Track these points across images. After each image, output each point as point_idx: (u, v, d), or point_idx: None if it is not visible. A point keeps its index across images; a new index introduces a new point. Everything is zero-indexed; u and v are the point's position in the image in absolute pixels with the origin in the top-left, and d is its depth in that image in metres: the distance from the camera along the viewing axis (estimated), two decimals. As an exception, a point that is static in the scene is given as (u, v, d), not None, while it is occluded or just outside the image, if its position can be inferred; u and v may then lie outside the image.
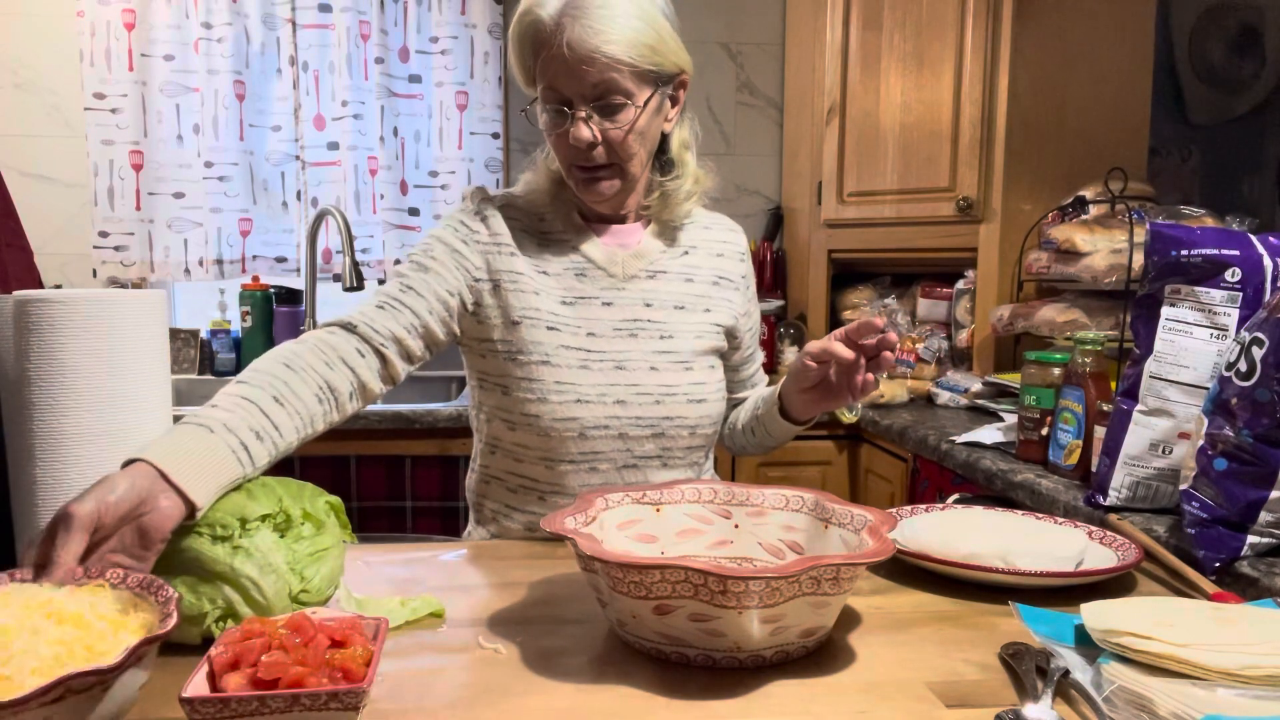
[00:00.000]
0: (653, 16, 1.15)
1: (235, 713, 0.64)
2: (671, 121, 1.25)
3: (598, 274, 1.25)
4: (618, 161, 1.19)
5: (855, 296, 2.72)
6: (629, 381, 1.22)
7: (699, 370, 1.27)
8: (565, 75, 1.13)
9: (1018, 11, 2.16)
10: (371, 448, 2.21)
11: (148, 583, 0.76)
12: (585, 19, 1.11)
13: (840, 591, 0.80)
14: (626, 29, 1.12)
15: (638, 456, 1.24)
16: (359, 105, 2.74)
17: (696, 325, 1.28)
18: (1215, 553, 1.05)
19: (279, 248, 2.80)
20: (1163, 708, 0.69)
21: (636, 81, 1.14)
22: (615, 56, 1.11)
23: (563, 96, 1.15)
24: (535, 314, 1.22)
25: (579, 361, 1.21)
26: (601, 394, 1.21)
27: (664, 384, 1.23)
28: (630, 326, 1.24)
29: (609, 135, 1.16)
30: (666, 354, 1.25)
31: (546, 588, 1.02)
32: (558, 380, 1.20)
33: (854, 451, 2.38)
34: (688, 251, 1.31)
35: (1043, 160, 2.23)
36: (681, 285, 1.29)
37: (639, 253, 1.28)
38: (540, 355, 1.21)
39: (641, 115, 1.16)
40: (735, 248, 1.37)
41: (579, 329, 1.23)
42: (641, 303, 1.26)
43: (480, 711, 0.74)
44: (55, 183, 2.72)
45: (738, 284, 1.35)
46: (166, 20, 2.64)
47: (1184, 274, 1.18)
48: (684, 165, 1.29)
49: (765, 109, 3.01)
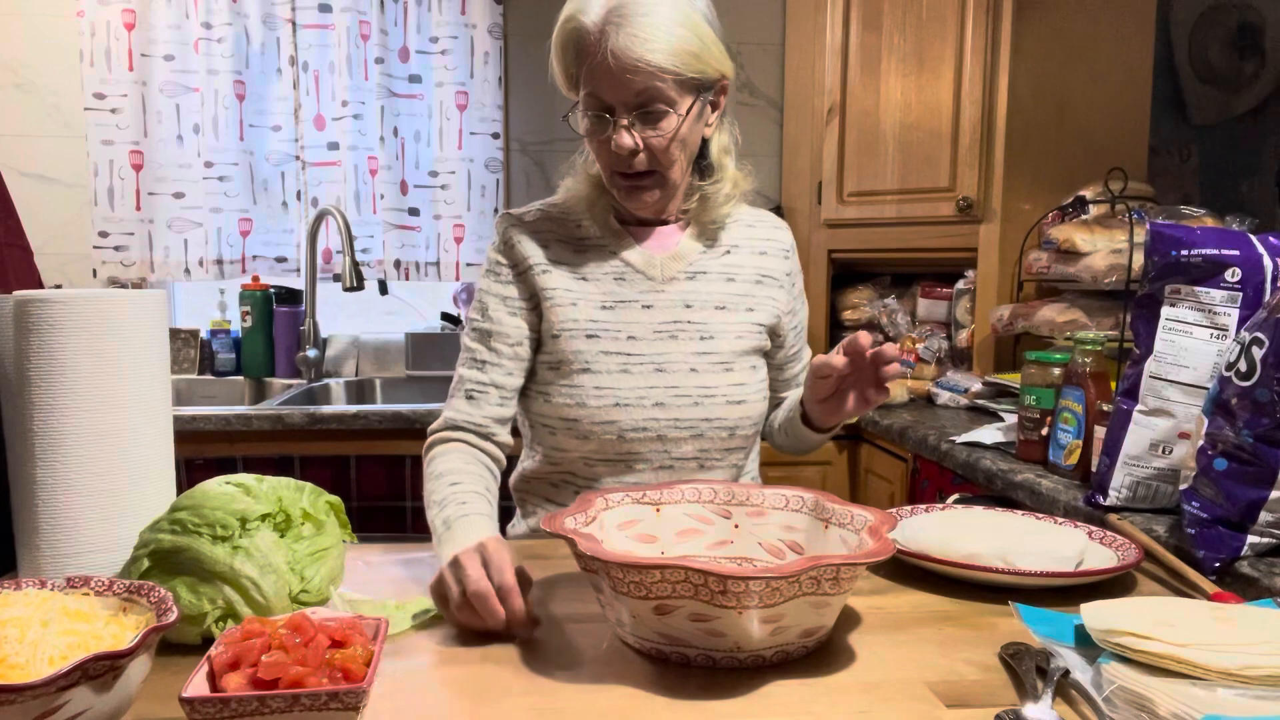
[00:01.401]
0: (696, 23, 1.15)
1: (235, 713, 0.64)
2: (712, 126, 1.25)
3: (636, 277, 1.26)
4: (659, 169, 1.19)
5: (855, 296, 2.72)
6: (668, 384, 1.23)
7: (740, 371, 1.27)
8: (609, 83, 1.13)
9: (1018, 11, 2.16)
10: (371, 448, 2.21)
11: (135, 587, 0.76)
12: (629, 26, 1.10)
13: (840, 591, 0.80)
14: (671, 37, 1.11)
15: (675, 458, 1.24)
16: (359, 105, 2.74)
17: (738, 325, 1.28)
18: (1215, 553, 1.05)
19: (279, 248, 2.80)
20: (1163, 708, 0.69)
21: (679, 89, 1.14)
22: (659, 65, 1.11)
23: (605, 104, 1.15)
24: (574, 325, 1.23)
25: (619, 366, 1.23)
26: (641, 397, 1.22)
27: (703, 385, 1.24)
28: (670, 328, 1.25)
29: (651, 143, 1.16)
30: (707, 355, 1.25)
31: (546, 588, 1.02)
32: (597, 385, 1.22)
33: (854, 451, 2.38)
34: (729, 251, 1.31)
35: (1043, 160, 2.23)
36: (723, 285, 1.29)
37: (677, 254, 1.28)
38: (581, 364, 1.23)
39: (684, 123, 1.16)
40: (780, 245, 1.35)
41: (619, 333, 1.24)
42: (682, 304, 1.26)
43: (480, 711, 0.74)
44: (55, 183, 2.72)
45: (781, 281, 1.33)
46: (166, 20, 2.64)
47: (1184, 274, 1.18)
48: (723, 169, 1.29)
49: (765, 109, 3.01)
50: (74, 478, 0.93)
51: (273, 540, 0.87)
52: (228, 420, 2.11)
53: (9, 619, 0.69)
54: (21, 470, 0.95)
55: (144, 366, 0.96)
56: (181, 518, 0.86)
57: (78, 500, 0.93)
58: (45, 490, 0.92)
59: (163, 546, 0.85)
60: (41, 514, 0.93)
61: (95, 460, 0.93)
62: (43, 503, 0.93)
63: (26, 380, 0.93)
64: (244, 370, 2.76)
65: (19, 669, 0.65)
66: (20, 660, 0.65)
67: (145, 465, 0.96)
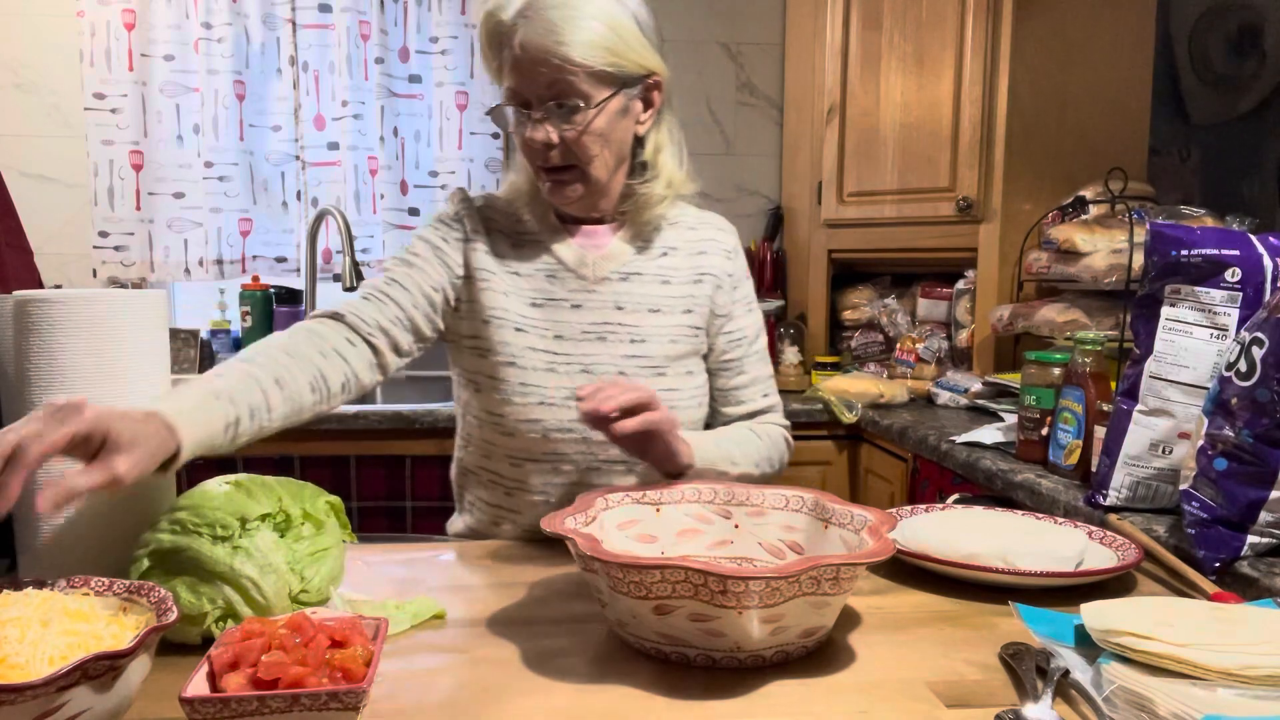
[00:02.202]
0: (614, 17, 1.14)
1: (235, 713, 0.64)
2: (644, 124, 1.23)
3: (567, 276, 1.25)
4: (577, 163, 1.18)
5: (855, 296, 2.72)
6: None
7: (673, 376, 1.25)
8: (521, 76, 1.14)
9: (1018, 11, 2.16)
10: (371, 448, 2.21)
11: (135, 587, 0.76)
12: (540, 20, 1.11)
13: (840, 591, 0.80)
14: (582, 30, 1.11)
15: (602, 460, 1.23)
16: (359, 105, 2.74)
17: (673, 328, 1.26)
18: (1215, 553, 1.05)
19: (279, 248, 2.80)
20: (1163, 708, 0.69)
21: (593, 83, 1.14)
22: (567, 57, 1.11)
23: (522, 97, 1.16)
24: (503, 314, 1.23)
25: (545, 364, 1.22)
26: (566, 397, 1.21)
27: None
28: (599, 330, 1.24)
29: (565, 136, 1.15)
30: (637, 358, 1.24)
31: (546, 588, 1.02)
32: (522, 382, 1.21)
33: (854, 451, 2.38)
34: (666, 253, 1.29)
35: (1043, 160, 2.23)
36: (657, 287, 1.27)
37: (609, 254, 1.26)
38: (507, 356, 1.22)
39: (599, 117, 1.15)
40: (721, 245, 1.33)
41: (547, 331, 1.23)
42: (612, 305, 1.25)
43: (480, 711, 0.74)
44: (55, 183, 2.72)
45: (720, 280, 1.31)
46: (166, 20, 2.64)
47: (1184, 274, 1.18)
48: (657, 168, 1.27)
49: (765, 109, 3.01)
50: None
51: (273, 540, 0.87)
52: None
53: (9, 619, 0.69)
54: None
55: (144, 366, 0.96)
56: (181, 518, 0.86)
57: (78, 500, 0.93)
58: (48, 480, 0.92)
59: (163, 546, 0.85)
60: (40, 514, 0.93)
61: (95, 460, 0.93)
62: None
63: (26, 380, 0.93)
64: (244, 370, 2.75)
65: (19, 669, 0.65)
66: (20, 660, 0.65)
67: (145, 465, 0.96)
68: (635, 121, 1.22)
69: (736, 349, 1.33)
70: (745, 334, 1.34)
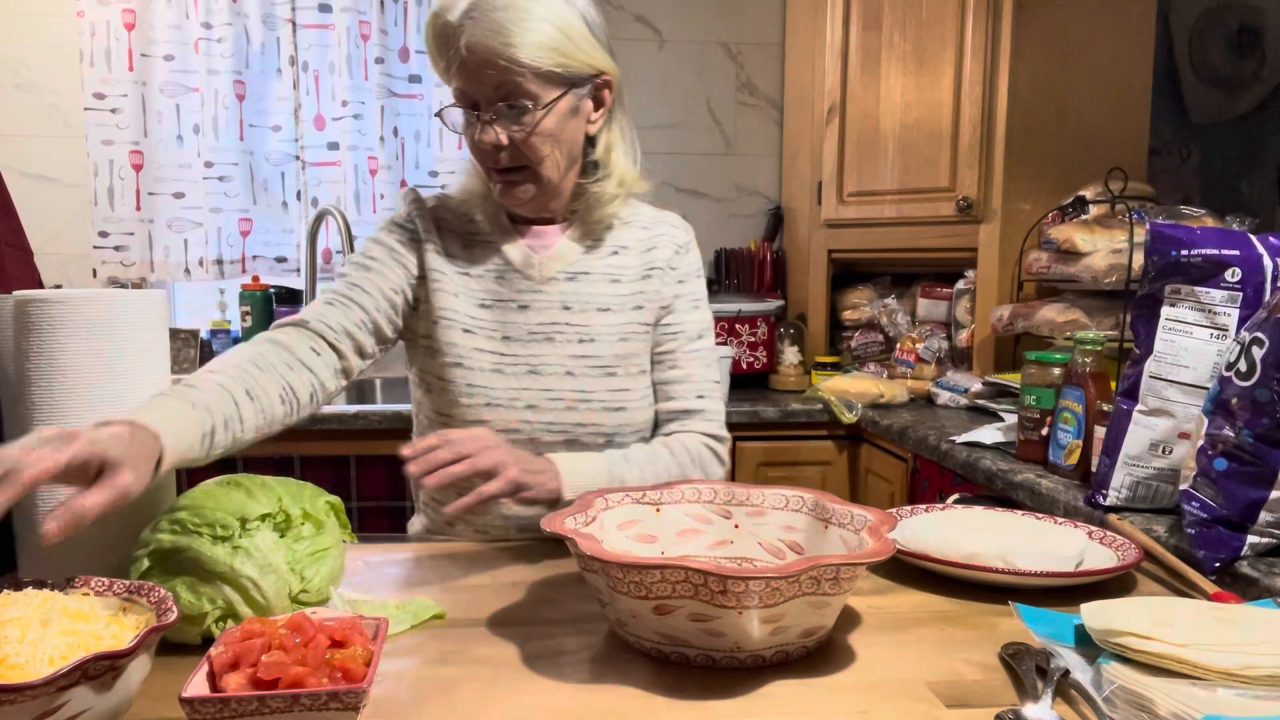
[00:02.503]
0: (561, 18, 1.14)
1: (235, 713, 0.64)
2: (595, 124, 1.23)
3: (515, 276, 1.25)
4: (527, 164, 1.18)
5: (855, 296, 2.72)
6: (542, 387, 1.22)
7: (624, 376, 1.24)
8: (468, 77, 1.13)
9: (1018, 11, 2.16)
10: (371, 448, 2.21)
11: (135, 587, 0.76)
12: (485, 21, 1.10)
13: (840, 591, 0.80)
14: (527, 30, 1.11)
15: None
16: (359, 105, 2.74)
17: (623, 327, 1.25)
18: (1215, 553, 1.05)
19: (279, 248, 2.80)
20: (1163, 708, 0.69)
21: (541, 83, 1.13)
22: (513, 58, 1.11)
23: (470, 99, 1.15)
24: (453, 315, 1.23)
25: (492, 365, 1.22)
26: (513, 399, 1.21)
27: (579, 390, 1.22)
28: (547, 330, 1.23)
29: (514, 137, 1.15)
30: (585, 358, 1.23)
31: (546, 588, 1.02)
32: (469, 383, 1.21)
33: (854, 451, 2.38)
34: (617, 251, 1.28)
35: (1043, 160, 2.23)
36: (607, 286, 1.26)
37: (556, 254, 1.26)
38: (454, 357, 1.22)
39: (547, 117, 1.15)
40: (672, 240, 1.30)
41: (494, 333, 1.23)
42: (559, 305, 1.24)
43: (480, 711, 0.74)
44: (55, 183, 2.72)
45: (665, 272, 1.28)
46: (166, 20, 2.64)
47: (1184, 274, 1.18)
48: (609, 167, 1.26)
49: (765, 109, 3.00)
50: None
51: (273, 540, 0.87)
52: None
53: (9, 619, 0.69)
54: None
55: (144, 366, 0.96)
56: (181, 518, 0.86)
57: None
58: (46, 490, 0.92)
59: (163, 546, 0.85)
60: (42, 514, 0.93)
61: (95, 460, 0.93)
62: (43, 503, 0.93)
63: (27, 380, 0.93)
64: (244, 370, 2.75)
65: (19, 669, 0.65)
66: (20, 660, 0.65)
67: (145, 465, 0.96)
68: (586, 121, 1.21)
69: (671, 341, 1.29)
70: (684, 329, 1.30)
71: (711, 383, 1.30)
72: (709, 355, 1.31)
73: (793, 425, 2.36)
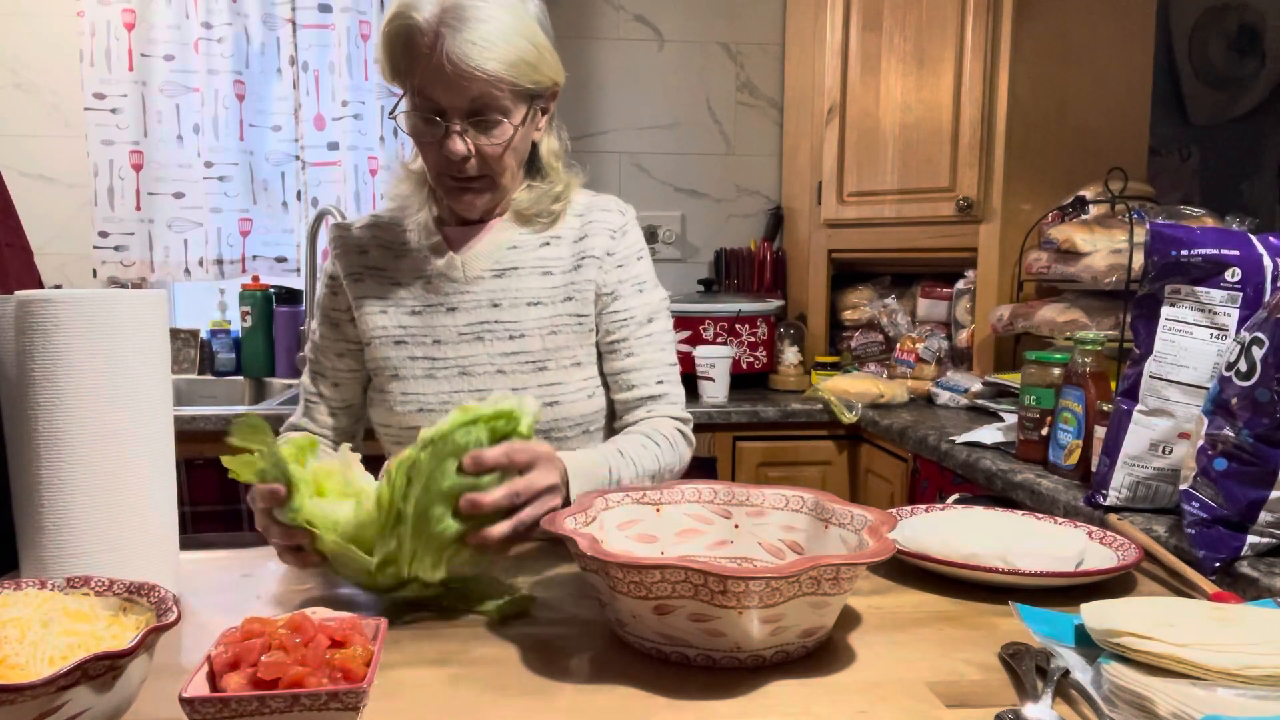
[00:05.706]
0: (533, 32, 1.14)
1: (235, 713, 0.64)
2: (541, 131, 1.24)
3: (441, 279, 1.25)
4: (490, 174, 1.18)
5: (855, 296, 2.72)
6: (473, 387, 1.22)
7: (555, 370, 1.23)
8: (442, 87, 1.11)
9: (1018, 11, 2.16)
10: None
11: (135, 587, 0.76)
12: (466, 32, 1.08)
13: (840, 591, 0.80)
14: (509, 46, 1.10)
15: None
16: (359, 105, 2.74)
17: (553, 320, 1.23)
18: (1215, 553, 1.05)
19: (279, 248, 2.80)
20: (1163, 708, 0.69)
21: (514, 99, 1.14)
22: (497, 75, 1.10)
23: (437, 106, 1.13)
24: (383, 331, 1.25)
25: (424, 371, 1.23)
26: (444, 402, 1.21)
27: (511, 388, 1.22)
28: (476, 330, 1.23)
29: (484, 151, 1.15)
30: (515, 355, 1.23)
31: (546, 588, 1.02)
32: (404, 392, 1.23)
33: (854, 451, 2.38)
34: (549, 243, 1.27)
35: (1043, 160, 2.23)
36: (537, 280, 1.24)
37: (480, 253, 1.25)
38: (390, 370, 1.24)
39: (518, 133, 1.16)
40: (605, 225, 1.27)
41: (425, 338, 1.24)
42: (488, 304, 1.24)
43: (481, 712, 0.74)
44: (55, 183, 2.72)
45: (602, 261, 1.25)
46: (166, 20, 2.64)
47: (1184, 274, 1.18)
48: (554, 172, 1.27)
49: (765, 109, 3.01)
50: (76, 477, 0.93)
51: None
52: (228, 420, 2.10)
53: (9, 619, 0.69)
54: (24, 470, 0.95)
55: (145, 366, 0.96)
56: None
57: (80, 500, 0.93)
58: (48, 490, 0.92)
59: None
60: (45, 514, 0.93)
61: (97, 460, 0.93)
62: (46, 502, 0.93)
63: (28, 380, 0.93)
64: (244, 370, 2.76)
65: (19, 669, 0.65)
66: (20, 660, 0.65)
67: (147, 465, 0.96)
68: (535, 129, 1.23)
69: (622, 329, 1.26)
70: (633, 314, 1.27)
71: (668, 366, 1.29)
72: (662, 339, 1.29)
73: (793, 425, 2.36)
